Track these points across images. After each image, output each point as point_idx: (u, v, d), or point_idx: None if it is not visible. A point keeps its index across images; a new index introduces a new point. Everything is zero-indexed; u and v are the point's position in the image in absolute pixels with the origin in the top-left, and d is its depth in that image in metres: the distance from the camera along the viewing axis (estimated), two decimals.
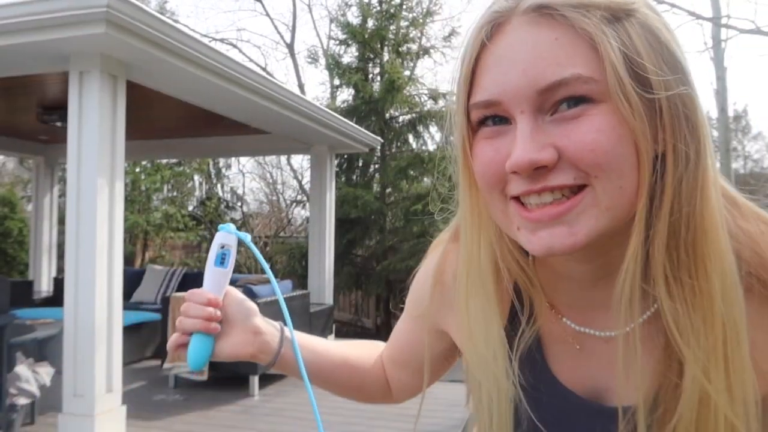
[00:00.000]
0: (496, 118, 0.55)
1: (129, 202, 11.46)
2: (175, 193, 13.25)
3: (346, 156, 9.26)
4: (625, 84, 0.50)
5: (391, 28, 9.41)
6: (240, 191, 14.98)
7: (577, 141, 0.50)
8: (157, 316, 5.70)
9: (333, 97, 11.21)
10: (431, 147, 9.39)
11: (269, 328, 0.87)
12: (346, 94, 10.11)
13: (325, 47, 15.22)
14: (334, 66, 9.54)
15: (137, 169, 11.93)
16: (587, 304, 0.62)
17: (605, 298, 0.57)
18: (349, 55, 9.74)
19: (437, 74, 17.17)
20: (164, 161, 12.18)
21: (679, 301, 0.52)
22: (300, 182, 14.53)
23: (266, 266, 0.76)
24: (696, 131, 0.52)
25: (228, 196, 14.20)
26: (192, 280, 6.83)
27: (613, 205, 0.51)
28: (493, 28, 0.54)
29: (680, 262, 0.52)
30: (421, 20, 9.61)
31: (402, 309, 0.87)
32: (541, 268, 0.64)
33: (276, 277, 9.29)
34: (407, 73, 9.46)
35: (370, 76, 9.44)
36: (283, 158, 15.36)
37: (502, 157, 0.53)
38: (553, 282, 0.64)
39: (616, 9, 0.51)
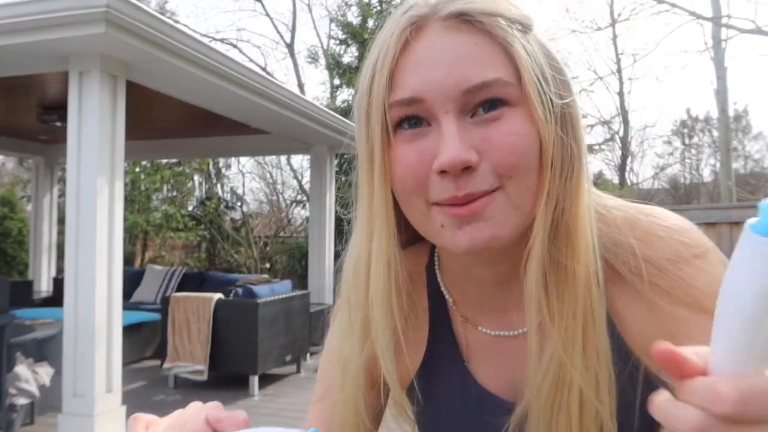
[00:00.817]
0: (413, 120, 0.55)
1: (129, 202, 11.46)
2: (174, 193, 13.25)
3: (346, 156, 9.27)
4: (537, 90, 0.53)
5: None
6: (240, 191, 14.98)
7: (498, 143, 0.52)
8: (156, 316, 5.70)
9: (333, 97, 11.22)
10: None
11: None
12: (346, 94, 10.12)
13: (325, 47, 15.22)
14: (334, 66, 9.55)
15: (137, 169, 11.93)
16: (498, 307, 0.64)
17: (514, 298, 0.60)
18: (349, 55, 9.75)
19: None
20: (164, 161, 12.18)
21: (552, 288, 0.55)
22: (300, 182, 14.53)
23: None
24: (577, 135, 0.56)
25: (228, 196, 14.19)
26: (192, 280, 6.83)
27: (521, 204, 0.54)
28: (413, 31, 0.55)
29: (559, 255, 0.55)
30: None
31: None
32: (449, 278, 0.66)
33: (276, 277, 9.27)
34: None
35: None
36: (283, 158, 15.35)
37: (426, 158, 0.53)
38: (463, 291, 0.66)
39: (523, 21, 0.55)
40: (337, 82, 9.99)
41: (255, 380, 4.49)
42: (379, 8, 9.47)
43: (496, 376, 0.64)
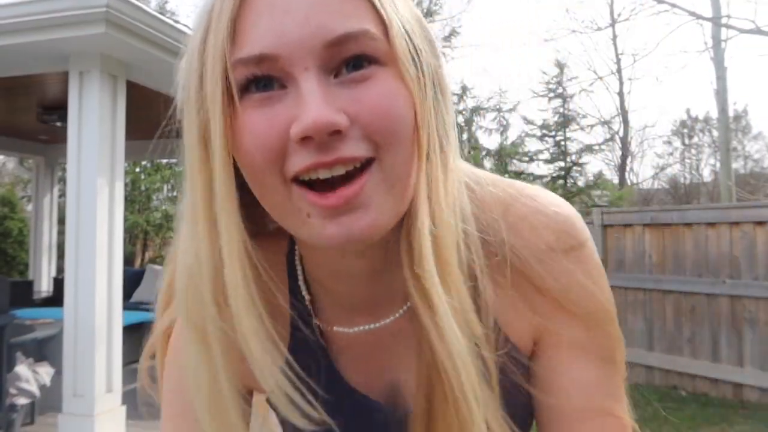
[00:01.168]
0: (262, 82, 0.45)
1: (129, 202, 11.46)
2: (175, 193, 13.25)
3: None
4: (408, 49, 0.47)
5: None
6: None
7: (370, 105, 0.45)
8: None
9: None
10: None
11: None
12: None
13: None
14: None
15: (137, 169, 11.94)
16: (360, 301, 0.56)
17: (379, 291, 0.55)
18: None
19: None
20: (164, 161, 12.18)
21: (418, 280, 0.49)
22: None
23: None
24: (448, 104, 0.51)
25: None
26: None
27: (399, 180, 0.47)
28: None
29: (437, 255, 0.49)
30: None
31: None
32: (312, 272, 0.57)
33: None
34: None
35: None
36: None
37: (282, 124, 0.44)
38: (328, 287, 0.57)
39: None
40: None
41: None
42: None
43: (367, 373, 0.58)
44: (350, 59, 0.45)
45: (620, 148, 17.03)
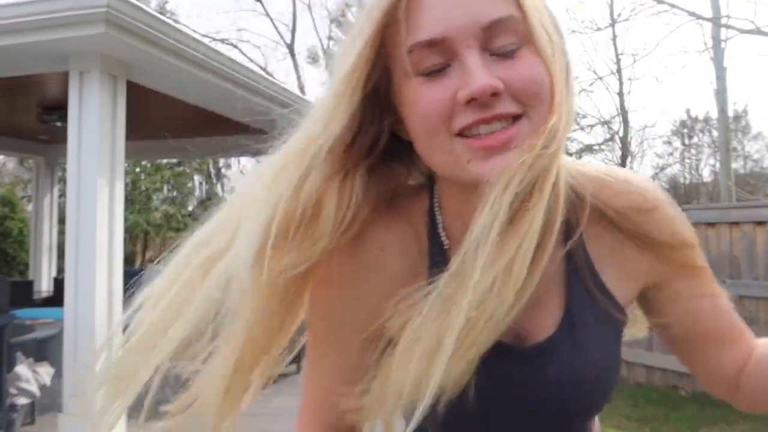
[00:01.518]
0: (431, 61, 0.57)
1: (129, 202, 11.46)
2: (175, 193, 13.26)
3: None
4: (542, 29, 0.58)
5: None
6: None
7: (520, 74, 0.56)
8: None
9: None
10: None
11: None
12: None
13: (325, 47, 15.22)
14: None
15: (137, 169, 11.94)
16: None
17: None
18: None
19: None
20: (164, 161, 12.18)
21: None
22: None
23: None
24: (570, 79, 0.62)
25: (228, 196, 14.19)
26: None
27: (536, 133, 0.57)
28: None
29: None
30: None
31: None
32: (451, 220, 0.67)
33: None
34: None
35: None
36: None
37: (451, 93, 0.56)
38: (457, 239, 0.64)
39: None
40: None
41: None
42: None
43: None
44: (500, 38, 0.56)
45: (620, 148, 17.03)
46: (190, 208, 13.36)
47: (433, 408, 0.55)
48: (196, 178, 13.74)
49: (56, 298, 6.63)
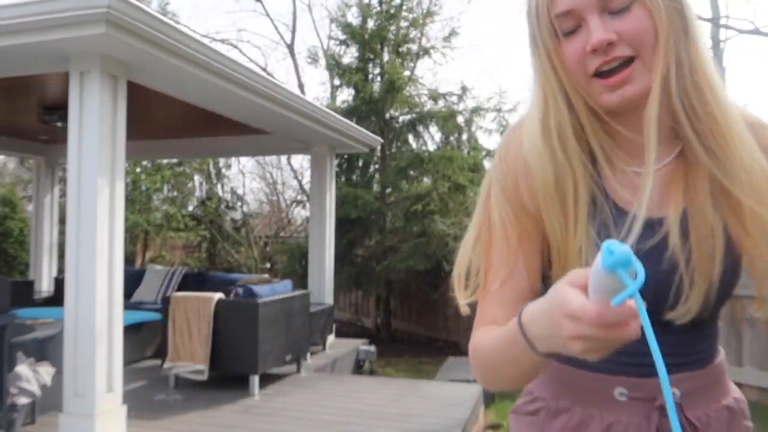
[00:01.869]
0: (569, 25, 0.81)
1: (129, 202, 11.46)
2: (175, 193, 13.25)
3: (346, 156, 9.26)
4: None
5: (391, 28, 9.41)
6: (240, 191, 14.98)
7: (629, 26, 0.79)
8: (157, 316, 5.70)
9: (333, 97, 11.21)
10: (431, 147, 9.38)
11: None
12: (346, 94, 10.12)
13: (325, 47, 15.21)
14: (334, 66, 9.54)
15: (137, 169, 11.93)
16: (634, 151, 0.84)
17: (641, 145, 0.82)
18: (349, 56, 9.75)
19: (437, 74, 17.14)
20: (165, 161, 12.18)
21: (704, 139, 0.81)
22: (300, 182, 14.53)
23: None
24: (689, 30, 0.83)
25: (228, 196, 14.19)
26: (192, 280, 6.83)
27: (649, 69, 0.80)
28: None
29: (692, 108, 0.81)
30: (421, 21, 9.61)
31: (401, 306, 0.95)
32: (604, 130, 0.87)
33: (275, 277, 9.28)
34: (407, 73, 9.46)
35: (370, 76, 9.44)
36: (283, 158, 15.35)
37: (581, 46, 0.81)
38: (611, 142, 0.86)
39: None
40: (337, 82, 9.98)
41: (255, 380, 4.50)
42: (378, 9, 9.46)
43: (626, 198, 0.84)
44: (615, 1, 0.79)
45: None
46: (190, 208, 13.36)
47: None
48: (196, 178, 13.73)
49: (56, 298, 6.64)
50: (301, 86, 15.68)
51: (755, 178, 0.80)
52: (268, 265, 11.85)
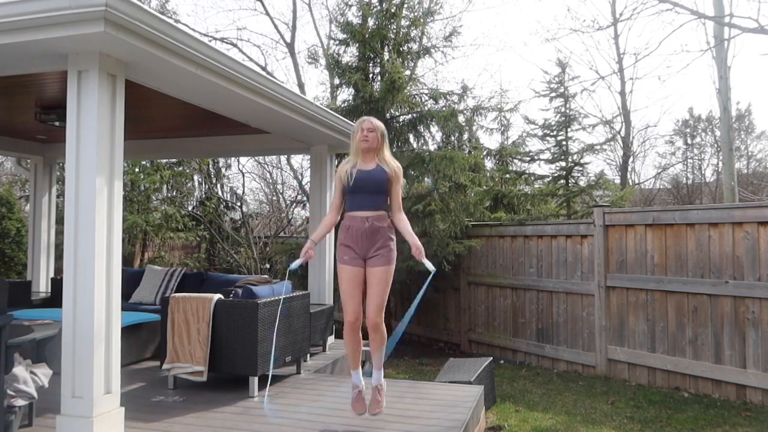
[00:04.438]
0: None
1: (128, 202, 11.43)
2: (174, 193, 13.22)
3: (346, 156, 9.22)
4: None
5: (392, 27, 9.37)
6: (240, 191, 14.96)
7: (375, 136, 3.68)
8: (156, 316, 5.67)
9: (333, 96, 11.18)
10: (432, 147, 9.35)
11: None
12: (346, 94, 10.08)
13: (325, 47, 15.18)
14: (334, 65, 9.50)
15: (136, 169, 11.90)
16: (368, 161, 3.71)
17: (372, 164, 3.68)
18: (350, 55, 9.71)
19: (438, 74, 17.13)
20: (164, 161, 12.14)
21: None
22: (300, 182, 14.50)
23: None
24: (386, 137, 3.83)
25: (228, 196, 14.16)
26: (191, 280, 6.80)
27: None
28: None
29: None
30: (421, 20, 9.58)
31: (402, 306, 1.07)
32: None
33: (276, 277, 9.19)
34: (407, 72, 9.42)
35: (371, 75, 9.41)
36: (283, 158, 15.33)
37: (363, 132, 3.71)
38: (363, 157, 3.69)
39: None
40: (337, 81, 9.94)
41: (254, 381, 4.47)
42: (379, 8, 9.42)
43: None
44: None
45: (622, 148, 17.00)
46: (189, 208, 13.32)
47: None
48: (196, 178, 13.70)
49: (54, 299, 6.61)
50: (301, 86, 15.65)
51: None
52: (267, 266, 11.82)
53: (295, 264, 3.55)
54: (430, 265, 3.51)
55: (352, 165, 3.61)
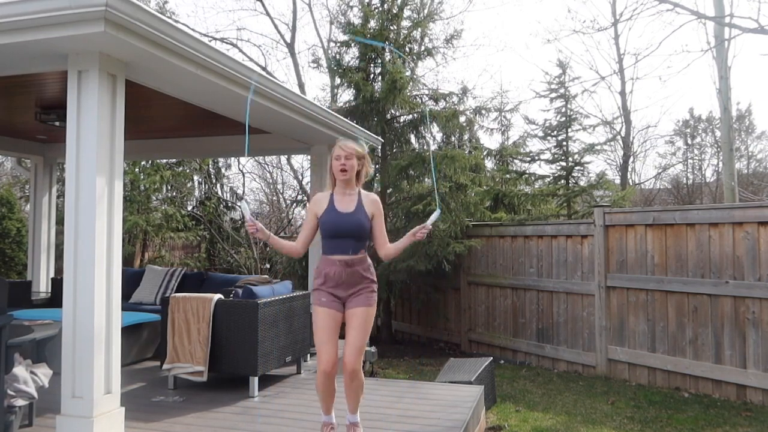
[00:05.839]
0: None
1: (128, 202, 11.43)
2: (174, 193, 13.22)
3: None
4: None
5: (392, 28, 9.37)
6: (240, 191, 14.95)
7: (351, 164, 3.37)
8: (156, 316, 5.67)
9: (334, 96, 11.18)
10: (433, 147, 9.34)
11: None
12: (347, 94, 10.09)
13: (326, 48, 15.17)
14: (335, 65, 9.50)
15: (136, 169, 11.90)
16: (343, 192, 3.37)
17: (350, 205, 3.34)
18: (351, 55, 9.71)
19: (438, 74, 17.13)
20: (164, 161, 12.14)
21: None
22: (300, 182, 14.50)
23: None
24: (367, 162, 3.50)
25: (228, 196, 14.16)
26: (191, 280, 6.79)
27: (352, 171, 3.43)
28: None
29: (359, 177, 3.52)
30: (422, 21, 9.58)
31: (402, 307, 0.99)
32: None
33: (276, 278, 9.19)
34: (408, 73, 9.42)
35: (372, 76, 9.41)
36: (283, 158, 15.32)
37: (340, 162, 3.39)
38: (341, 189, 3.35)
39: None
40: (337, 81, 9.94)
41: (255, 381, 4.47)
42: (380, 8, 9.42)
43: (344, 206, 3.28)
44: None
45: (622, 148, 16.99)
46: (189, 208, 13.32)
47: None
48: (196, 178, 13.70)
49: (54, 299, 6.61)
50: (301, 86, 15.64)
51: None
52: (267, 266, 11.82)
53: (244, 205, 3.15)
54: (435, 214, 3.21)
55: (329, 202, 3.26)
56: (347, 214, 3.23)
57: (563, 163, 10.09)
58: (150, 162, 11.85)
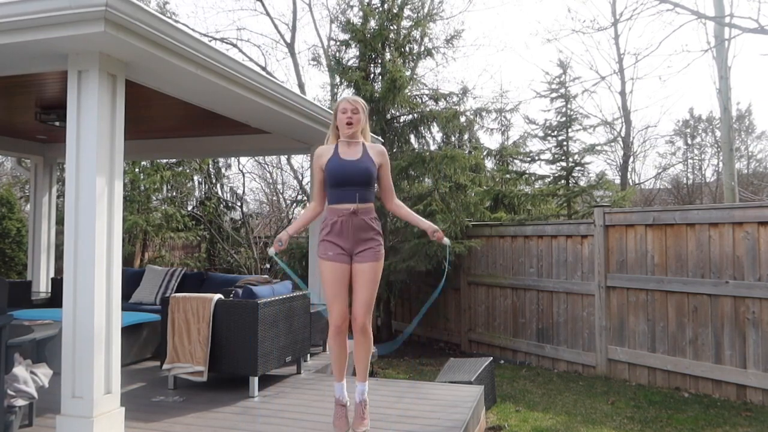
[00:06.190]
0: None
1: (128, 202, 11.43)
2: (174, 193, 13.22)
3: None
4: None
5: (392, 27, 9.37)
6: (240, 191, 14.95)
7: (358, 118, 3.40)
8: (156, 316, 5.67)
9: (334, 95, 11.18)
10: (432, 147, 9.34)
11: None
12: (346, 93, 10.08)
13: (325, 47, 15.17)
14: (335, 65, 9.50)
15: (136, 169, 11.90)
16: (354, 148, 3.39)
17: (356, 153, 3.38)
18: (350, 55, 9.71)
19: (438, 74, 17.12)
20: (164, 161, 12.14)
21: None
22: (300, 182, 14.50)
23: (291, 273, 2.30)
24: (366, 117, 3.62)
25: (228, 196, 14.16)
26: (191, 280, 6.79)
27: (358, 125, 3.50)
28: None
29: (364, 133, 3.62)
30: (423, 21, 9.57)
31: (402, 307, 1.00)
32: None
33: (276, 278, 9.20)
34: (408, 73, 9.42)
35: (371, 75, 9.41)
36: (283, 158, 15.32)
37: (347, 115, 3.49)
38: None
39: None
40: (337, 80, 9.94)
41: (255, 381, 4.46)
42: (381, 8, 9.42)
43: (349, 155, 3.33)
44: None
45: (622, 148, 16.99)
46: (189, 208, 13.32)
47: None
48: (196, 178, 13.70)
49: (54, 299, 6.61)
50: (301, 86, 15.64)
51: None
52: (267, 266, 11.82)
53: (271, 251, 3.33)
54: (447, 241, 3.42)
55: (334, 151, 3.27)
56: (353, 161, 3.23)
57: (563, 164, 10.09)
58: (150, 162, 11.85)
